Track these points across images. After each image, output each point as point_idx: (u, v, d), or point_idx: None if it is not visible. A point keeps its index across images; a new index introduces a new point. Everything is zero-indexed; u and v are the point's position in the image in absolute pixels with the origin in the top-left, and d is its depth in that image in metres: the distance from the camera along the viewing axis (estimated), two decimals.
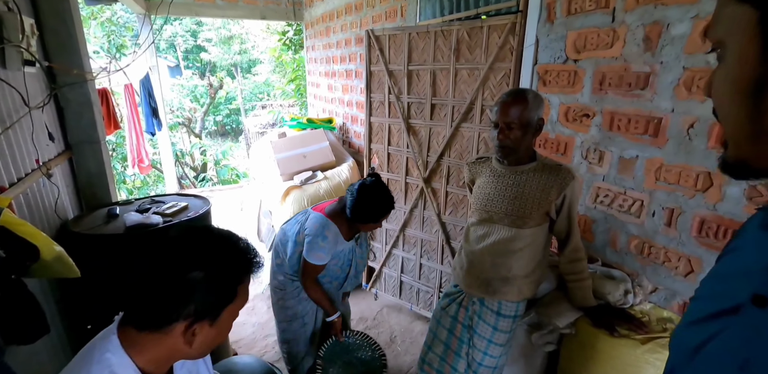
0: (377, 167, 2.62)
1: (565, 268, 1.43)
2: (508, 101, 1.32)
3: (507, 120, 1.31)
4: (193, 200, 2.16)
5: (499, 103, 1.35)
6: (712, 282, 0.46)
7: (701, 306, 0.44)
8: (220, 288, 0.74)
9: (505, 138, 1.33)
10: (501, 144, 1.36)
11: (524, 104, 1.30)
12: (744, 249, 0.43)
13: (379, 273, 2.78)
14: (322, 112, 5.15)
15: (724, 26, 0.38)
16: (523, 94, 1.32)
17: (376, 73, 2.47)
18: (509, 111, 1.31)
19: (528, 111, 1.30)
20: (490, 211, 1.46)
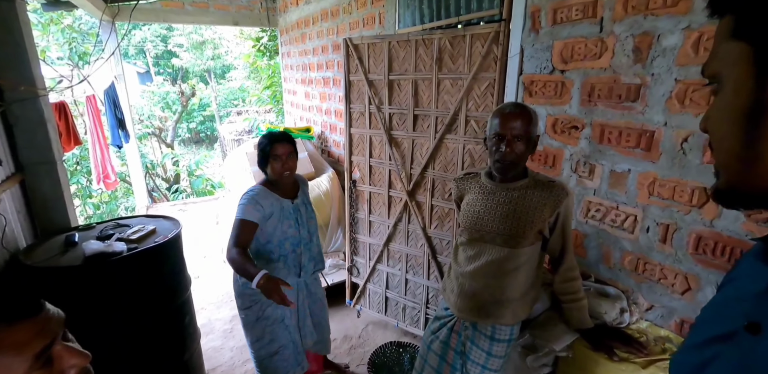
0: (359, 180, 2.52)
1: (559, 288, 1.37)
2: (516, 112, 1.23)
3: (514, 132, 1.22)
4: (161, 222, 2.01)
5: (501, 114, 1.25)
6: (711, 309, 0.47)
7: (699, 331, 0.46)
8: None
9: (512, 151, 1.24)
10: (505, 158, 1.25)
11: (529, 117, 1.24)
12: (740, 279, 0.45)
13: (363, 290, 2.68)
14: (300, 120, 5.02)
15: (721, 61, 0.40)
16: (526, 107, 1.26)
17: (355, 82, 2.38)
18: (516, 122, 1.22)
19: (532, 125, 1.24)
20: (480, 230, 1.38)
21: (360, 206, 2.57)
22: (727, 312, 0.43)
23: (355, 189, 2.56)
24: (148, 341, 1.74)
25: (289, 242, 1.75)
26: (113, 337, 1.64)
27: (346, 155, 2.52)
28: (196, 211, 4.94)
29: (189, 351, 1.97)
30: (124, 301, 1.65)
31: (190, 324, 2.00)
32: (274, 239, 1.72)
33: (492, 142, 1.27)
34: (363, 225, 2.58)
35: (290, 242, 1.76)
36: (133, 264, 1.65)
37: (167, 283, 1.83)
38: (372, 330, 2.72)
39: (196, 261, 3.84)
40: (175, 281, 1.88)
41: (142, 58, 17.98)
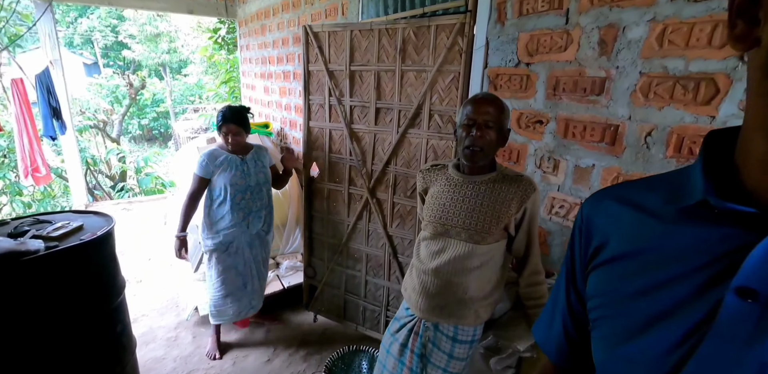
0: (317, 176, 2.39)
1: (524, 293, 1.31)
2: (489, 99, 1.20)
3: (485, 118, 1.17)
4: (91, 218, 1.79)
5: (474, 101, 1.21)
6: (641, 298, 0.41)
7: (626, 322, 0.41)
8: None
9: (482, 136, 1.18)
10: (474, 144, 1.19)
11: (501, 107, 1.20)
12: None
13: (321, 292, 2.54)
14: (258, 116, 4.80)
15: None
16: (499, 98, 1.22)
17: (315, 73, 2.25)
18: (487, 109, 1.18)
19: (504, 115, 1.20)
20: (445, 224, 1.31)
21: (318, 204, 2.44)
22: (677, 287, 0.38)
23: (313, 187, 2.43)
24: (71, 353, 1.53)
25: (234, 189, 2.14)
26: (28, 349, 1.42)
27: (304, 150, 2.38)
28: (142, 211, 4.59)
29: (122, 363, 1.76)
30: (41, 308, 1.44)
31: (124, 334, 1.79)
32: (220, 185, 2.13)
33: (462, 129, 1.21)
34: (321, 224, 2.45)
35: (235, 189, 2.14)
36: (51, 265, 1.43)
37: (95, 287, 1.62)
38: (330, 334, 2.59)
39: (139, 264, 3.54)
40: (105, 285, 1.67)
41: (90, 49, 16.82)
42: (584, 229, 0.50)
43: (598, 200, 0.50)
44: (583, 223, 0.51)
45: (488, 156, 1.23)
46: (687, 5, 1.08)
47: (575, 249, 0.52)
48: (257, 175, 2.22)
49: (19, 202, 4.91)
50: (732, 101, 1.03)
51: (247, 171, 2.18)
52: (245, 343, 2.51)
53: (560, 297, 0.55)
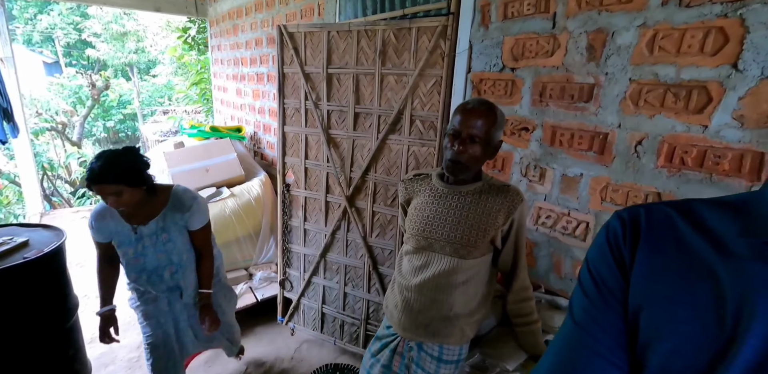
0: (293, 184, 2.28)
1: (512, 310, 1.24)
2: (479, 110, 1.10)
3: (472, 131, 1.09)
4: (38, 233, 1.62)
5: (463, 109, 1.11)
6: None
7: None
8: None
9: (464, 151, 1.10)
10: (455, 158, 1.12)
11: (493, 118, 1.10)
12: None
13: (297, 305, 2.42)
14: (231, 119, 4.62)
15: None
16: (493, 107, 1.11)
17: (290, 75, 2.14)
18: (475, 121, 1.09)
19: (495, 128, 1.10)
20: (429, 238, 1.23)
21: (294, 213, 2.32)
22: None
23: (288, 194, 2.31)
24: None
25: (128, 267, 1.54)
26: None
27: (279, 156, 2.26)
28: None
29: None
30: None
31: (76, 359, 1.63)
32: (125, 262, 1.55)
33: (448, 138, 1.13)
34: (297, 233, 2.33)
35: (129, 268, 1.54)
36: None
37: (42, 310, 1.46)
38: (307, 349, 2.46)
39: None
40: (54, 306, 1.51)
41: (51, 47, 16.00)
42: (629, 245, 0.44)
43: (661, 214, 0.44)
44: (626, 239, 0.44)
45: (472, 170, 1.16)
46: (678, 11, 1.05)
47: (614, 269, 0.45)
48: (157, 254, 1.52)
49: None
50: (725, 110, 1.00)
51: (141, 250, 1.49)
52: (215, 360, 2.35)
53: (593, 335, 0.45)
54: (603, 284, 0.45)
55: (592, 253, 0.48)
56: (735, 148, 0.99)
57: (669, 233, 0.42)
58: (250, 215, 2.94)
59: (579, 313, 0.47)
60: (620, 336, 0.43)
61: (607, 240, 0.46)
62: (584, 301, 0.47)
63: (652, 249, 0.43)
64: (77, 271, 3.06)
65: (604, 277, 0.46)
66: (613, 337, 0.44)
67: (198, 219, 1.56)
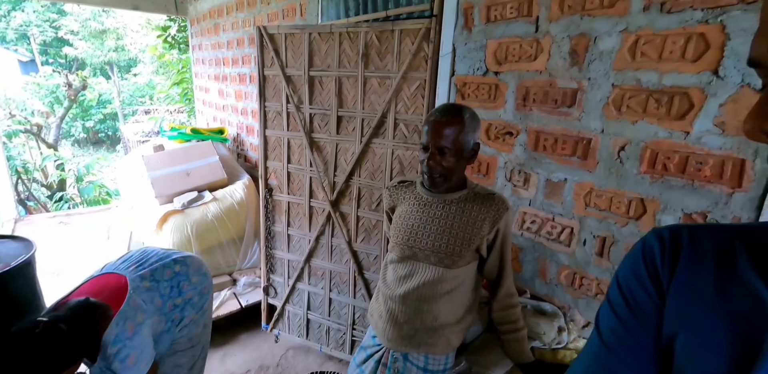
0: (276, 188, 2.23)
1: (498, 316, 1.23)
2: (442, 121, 1.07)
3: (439, 144, 1.07)
4: (7, 244, 1.54)
5: (429, 121, 1.09)
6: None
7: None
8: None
9: (436, 165, 1.09)
10: (429, 172, 1.12)
11: (460, 126, 1.07)
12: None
13: (282, 311, 2.37)
14: (213, 120, 4.53)
15: None
16: (459, 113, 1.08)
17: (270, 77, 2.09)
18: (442, 132, 1.07)
19: (464, 134, 1.07)
20: (414, 247, 1.20)
21: (277, 218, 2.28)
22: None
23: (271, 199, 2.26)
24: None
25: None
26: None
27: (260, 160, 2.21)
28: (83, 224, 4.19)
29: None
30: None
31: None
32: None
33: (421, 148, 1.11)
34: (281, 239, 2.29)
35: None
36: None
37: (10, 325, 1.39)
38: (292, 356, 2.42)
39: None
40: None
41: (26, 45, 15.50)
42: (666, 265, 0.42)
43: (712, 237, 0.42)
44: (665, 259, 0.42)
45: (451, 179, 1.14)
46: (660, 16, 1.04)
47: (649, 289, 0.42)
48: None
49: None
50: (707, 117, 1.00)
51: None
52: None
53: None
54: (635, 304, 0.43)
55: (624, 271, 0.45)
56: (716, 155, 0.99)
57: (719, 258, 0.40)
58: (233, 219, 2.88)
59: (607, 334, 0.44)
60: (651, 360, 0.41)
61: (643, 258, 0.44)
62: (614, 322, 0.44)
63: (694, 272, 0.40)
64: (52, 280, 2.96)
65: (636, 297, 0.43)
66: (642, 361, 0.41)
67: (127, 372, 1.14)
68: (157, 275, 1.38)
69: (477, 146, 1.12)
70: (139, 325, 1.21)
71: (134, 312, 1.21)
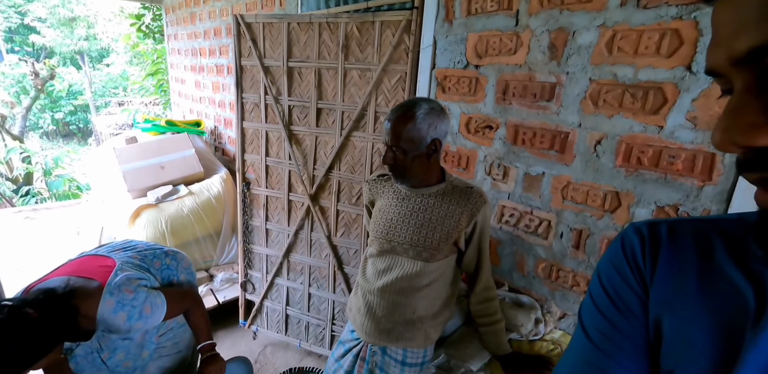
0: (254, 182, 2.18)
1: (475, 310, 1.23)
2: (392, 118, 1.08)
3: (394, 142, 1.08)
4: None
5: (388, 118, 1.10)
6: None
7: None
8: None
9: (391, 161, 1.11)
10: (388, 168, 1.15)
11: (410, 123, 1.05)
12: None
13: (260, 307, 2.34)
14: (190, 112, 4.41)
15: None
16: (411, 109, 1.06)
17: (248, 68, 2.04)
18: (397, 130, 1.07)
19: (416, 130, 1.06)
20: (392, 241, 1.19)
21: (255, 212, 2.23)
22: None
23: (249, 193, 2.22)
24: None
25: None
26: None
27: (238, 153, 2.16)
28: (51, 219, 4.02)
29: None
30: None
31: None
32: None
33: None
34: (259, 234, 2.25)
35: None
36: None
37: None
38: (271, 352, 2.39)
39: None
40: None
41: None
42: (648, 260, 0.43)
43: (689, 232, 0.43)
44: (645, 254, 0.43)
45: (414, 174, 1.14)
46: (636, 12, 1.05)
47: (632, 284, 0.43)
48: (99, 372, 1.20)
49: None
50: (679, 111, 1.02)
51: (75, 366, 1.16)
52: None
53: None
54: (621, 301, 0.43)
55: (605, 266, 0.46)
56: (688, 149, 1.01)
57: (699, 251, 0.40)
58: (210, 214, 2.81)
59: (595, 334, 0.44)
60: (643, 356, 0.41)
61: (624, 254, 0.44)
62: (601, 321, 0.44)
63: (675, 266, 0.41)
64: (14, 276, 2.83)
65: (621, 293, 0.43)
66: (635, 359, 0.41)
67: (151, 323, 1.17)
68: (147, 262, 1.28)
69: (436, 143, 1.10)
70: (137, 287, 1.14)
71: (127, 281, 1.13)
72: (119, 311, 1.07)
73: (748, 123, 0.27)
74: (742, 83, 0.28)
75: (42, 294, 0.99)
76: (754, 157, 0.28)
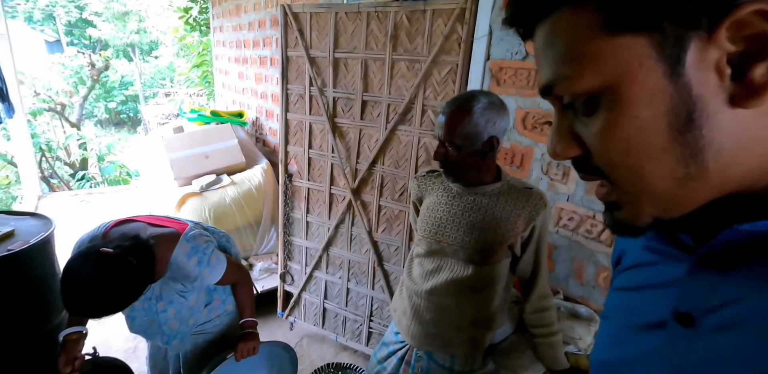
0: (296, 174, 2.17)
1: (530, 320, 1.15)
2: (447, 111, 1.00)
3: (446, 137, 1.01)
4: (26, 221, 1.53)
5: (443, 111, 1.02)
6: (625, 298, 0.44)
7: (617, 324, 0.43)
8: None
9: (443, 157, 1.04)
10: (440, 164, 1.07)
11: (466, 117, 0.97)
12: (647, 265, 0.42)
13: (298, 299, 2.35)
14: (232, 103, 4.49)
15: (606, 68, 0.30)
16: (469, 102, 0.98)
17: (294, 59, 2.02)
18: (447, 124, 1.00)
19: (471, 126, 0.97)
20: (441, 241, 1.13)
21: (296, 204, 2.23)
22: (648, 299, 0.40)
23: (290, 185, 2.21)
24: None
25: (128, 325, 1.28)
26: None
27: (281, 144, 2.16)
28: (103, 203, 4.24)
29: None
30: None
31: None
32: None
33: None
34: (299, 226, 2.25)
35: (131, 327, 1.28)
36: None
37: (28, 306, 1.38)
38: (307, 344, 2.40)
39: None
40: (42, 301, 1.43)
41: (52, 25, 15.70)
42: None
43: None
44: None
45: (468, 172, 1.06)
46: None
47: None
48: (148, 320, 1.25)
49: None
50: None
51: (129, 312, 1.23)
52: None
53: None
54: None
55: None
56: None
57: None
58: (250, 204, 2.85)
59: None
60: None
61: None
62: None
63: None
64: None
65: None
66: None
67: (212, 278, 1.23)
68: (209, 232, 1.33)
69: (494, 141, 1.01)
70: (208, 240, 1.22)
71: (200, 234, 1.21)
72: (192, 256, 1.16)
73: (557, 140, 0.35)
74: (556, 109, 0.35)
75: (133, 241, 1.06)
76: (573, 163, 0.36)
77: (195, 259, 1.16)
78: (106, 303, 0.96)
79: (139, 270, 1.01)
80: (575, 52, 0.30)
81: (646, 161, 0.30)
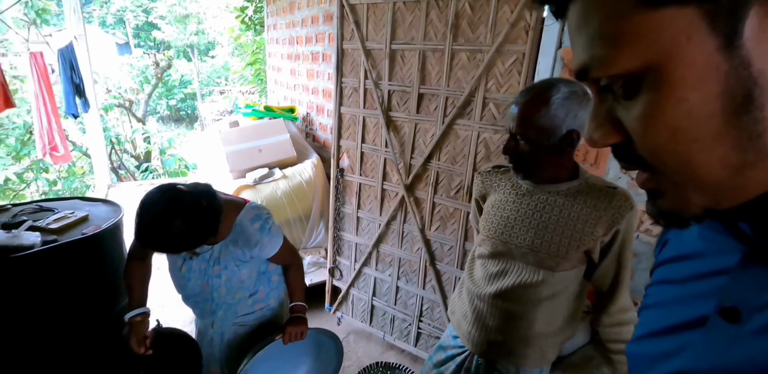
0: (348, 168, 2.15)
1: (608, 333, 1.04)
2: (521, 101, 0.91)
3: (518, 129, 0.92)
4: (98, 207, 1.61)
5: (516, 101, 0.94)
6: (667, 291, 0.41)
7: (657, 317, 0.41)
8: None
9: (512, 151, 0.95)
10: (509, 158, 0.98)
11: (543, 108, 0.88)
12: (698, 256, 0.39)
13: (346, 295, 2.34)
14: (284, 99, 4.58)
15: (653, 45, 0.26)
16: (547, 91, 0.89)
17: (349, 52, 1.99)
18: (520, 115, 0.91)
19: (548, 117, 0.88)
20: (508, 242, 1.05)
21: (347, 199, 2.21)
22: (690, 293, 0.37)
23: (342, 180, 2.20)
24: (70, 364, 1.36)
25: (180, 292, 1.34)
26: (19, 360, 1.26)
27: (334, 138, 2.14)
28: None
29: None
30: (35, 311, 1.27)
31: None
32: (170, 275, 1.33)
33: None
34: (350, 221, 2.23)
35: (182, 292, 1.34)
36: (47, 263, 1.26)
37: (99, 288, 1.45)
38: (354, 340, 2.39)
39: None
40: (111, 284, 1.50)
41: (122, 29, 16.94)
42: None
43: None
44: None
45: (541, 169, 0.97)
46: None
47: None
48: (202, 285, 1.28)
49: (44, 180, 4.90)
50: None
51: (186, 273, 1.27)
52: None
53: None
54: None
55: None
56: None
57: None
58: (301, 198, 2.87)
59: None
60: None
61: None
62: None
63: None
64: None
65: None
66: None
67: (270, 249, 1.27)
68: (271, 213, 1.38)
69: (574, 135, 0.91)
70: (270, 215, 1.27)
71: (264, 207, 1.28)
72: (256, 221, 1.22)
73: (595, 127, 0.32)
74: (593, 92, 0.32)
75: (206, 188, 1.11)
76: (613, 151, 0.33)
77: (257, 225, 1.22)
78: (173, 236, 1.00)
79: (208, 213, 1.05)
80: (612, 29, 0.27)
81: (695, 148, 0.27)
